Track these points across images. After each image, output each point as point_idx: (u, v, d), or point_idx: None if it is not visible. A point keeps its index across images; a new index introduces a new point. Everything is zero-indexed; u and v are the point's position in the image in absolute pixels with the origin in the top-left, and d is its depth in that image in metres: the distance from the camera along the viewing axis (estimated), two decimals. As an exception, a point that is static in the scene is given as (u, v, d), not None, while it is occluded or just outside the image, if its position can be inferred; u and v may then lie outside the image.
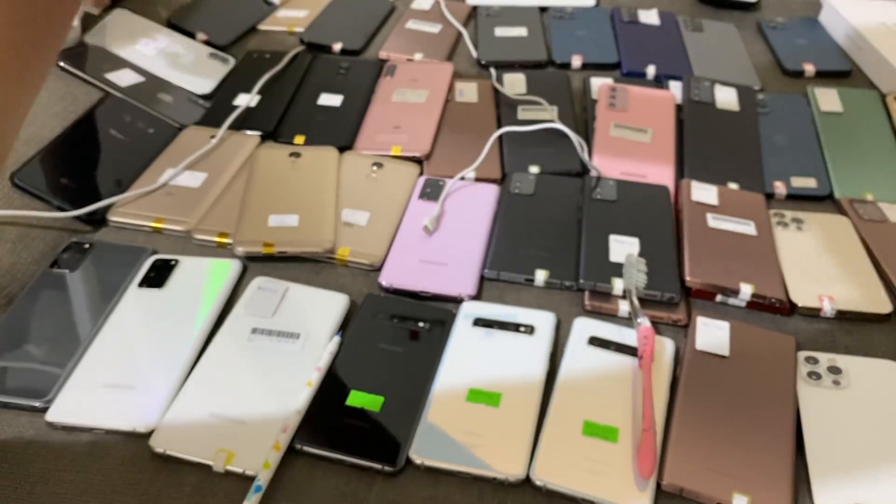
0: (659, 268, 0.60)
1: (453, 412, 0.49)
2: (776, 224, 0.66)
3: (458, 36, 0.93)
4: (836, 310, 0.58)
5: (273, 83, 0.81)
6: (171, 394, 0.49)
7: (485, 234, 0.64)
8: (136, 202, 0.65)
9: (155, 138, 0.73)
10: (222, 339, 0.53)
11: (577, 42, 0.91)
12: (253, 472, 0.45)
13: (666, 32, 0.94)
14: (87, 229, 0.64)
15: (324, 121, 0.77)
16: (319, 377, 0.50)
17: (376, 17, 0.97)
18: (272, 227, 0.62)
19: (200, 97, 0.81)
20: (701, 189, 0.68)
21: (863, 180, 0.72)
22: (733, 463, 0.47)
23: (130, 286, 0.57)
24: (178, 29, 0.90)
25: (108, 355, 0.52)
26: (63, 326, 0.54)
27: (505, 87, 0.82)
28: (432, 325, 0.55)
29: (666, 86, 0.83)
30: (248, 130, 0.75)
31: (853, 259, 0.63)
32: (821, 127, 0.78)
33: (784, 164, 0.74)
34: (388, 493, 0.45)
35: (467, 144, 0.73)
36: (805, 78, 0.87)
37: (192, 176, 0.68)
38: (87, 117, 0.72)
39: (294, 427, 0.47)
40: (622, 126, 0.76)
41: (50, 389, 0.49)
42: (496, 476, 0.45)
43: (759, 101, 0.81)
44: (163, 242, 0.62)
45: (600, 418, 0.48)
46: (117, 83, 0.78)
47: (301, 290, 0.57)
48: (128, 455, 0.46)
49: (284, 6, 0.99)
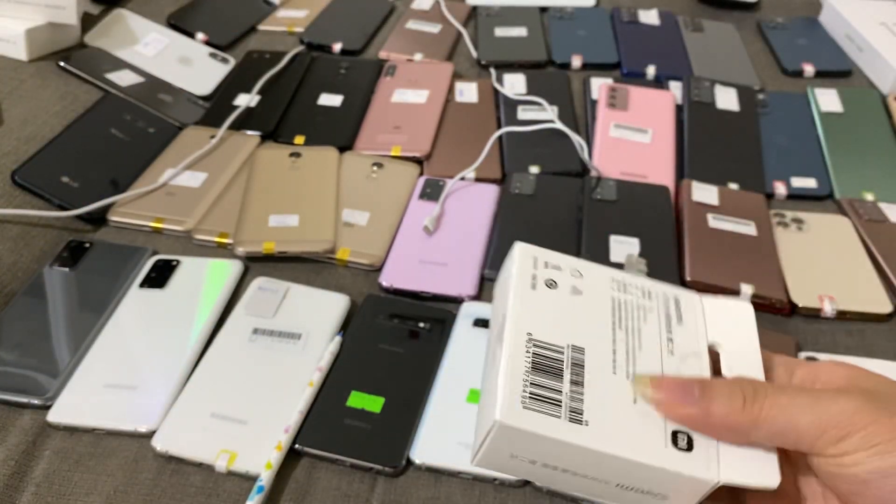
0: (659, 268, 0.60)
1: (454, 412, 0.49)
2: (776, 224, 0.66)
3: (458, 36, 0.93)
4: (837, 310, 0.58)
5: (273, 83, 0.81)
6: (173, 394, 0.49)
7: (485, 234, 0.64)
8: (136, 202, 0.65)
9: (155, 138, 0.73)
10: (223, 339, 0.53)
11: (577, 42, 0.91)
12: (255, 473, 0.45)
13: (666, 32, 0.94)
14: (88, 228, 0.64)
15: (324, 121, 0.77)
16: (320, 377, 0.50)
17: (376, 17, 0.97)
18: (272, 227, 0.62)
19: (200, 97, 0.81)
20: (701, 189, 0.68)
21: (863, 180, 0.72)
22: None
23: (131, 286, 0.57)
24: (178, 29, 0.90)
25: (110, 356, 0.52)
26: (63, 325, 0.54)
27: (505, 87, 0.82)
28: (432, 325, 0.55)
29: (666, 86, 0.83)
30: (248, 130, 0.75)
31: (853, 259, 0.63)
32: (821, 127, 0.78)
33: (784, 164, 0.74)
34: (389, 494, 0.45)
35: (467, 144, 0.73)
36: (805, 78, 0.88)
37: (192, 176, 0.68)
38: (88, 116, 0.72)
39: (296, 427, 0.47)
40: (622, 126, 0.76)
41: (51, 387, 0.49)
42: (497, 477, 0.45)
43: (760, 101, 0.81)
44: (163, 242, 0.62)
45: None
46: (117, 83, 0.78)
47: (302, 290, 0.57)
48: (132, 455, 0.46)
49: (284, 6, 0.99)
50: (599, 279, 0.33)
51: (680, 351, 0.32)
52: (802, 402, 0.28)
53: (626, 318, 0.32)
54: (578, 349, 0.31)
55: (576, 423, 0.29)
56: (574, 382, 0.30)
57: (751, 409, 0.28)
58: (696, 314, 0.34)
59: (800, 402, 0.28)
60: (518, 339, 0.30)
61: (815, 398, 0.28)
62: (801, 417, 0.28)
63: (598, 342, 0.31)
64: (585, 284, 0.33)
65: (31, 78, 0.75)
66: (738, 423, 0.28)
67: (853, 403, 0.27)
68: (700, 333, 0.33)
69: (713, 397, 0.29)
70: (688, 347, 0.32)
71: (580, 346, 0.31)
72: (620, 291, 0.33)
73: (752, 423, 0.28)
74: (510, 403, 0.28)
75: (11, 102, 0.71)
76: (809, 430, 0.27)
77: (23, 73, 0.75)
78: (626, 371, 0.31)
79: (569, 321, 0.31)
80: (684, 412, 0.29)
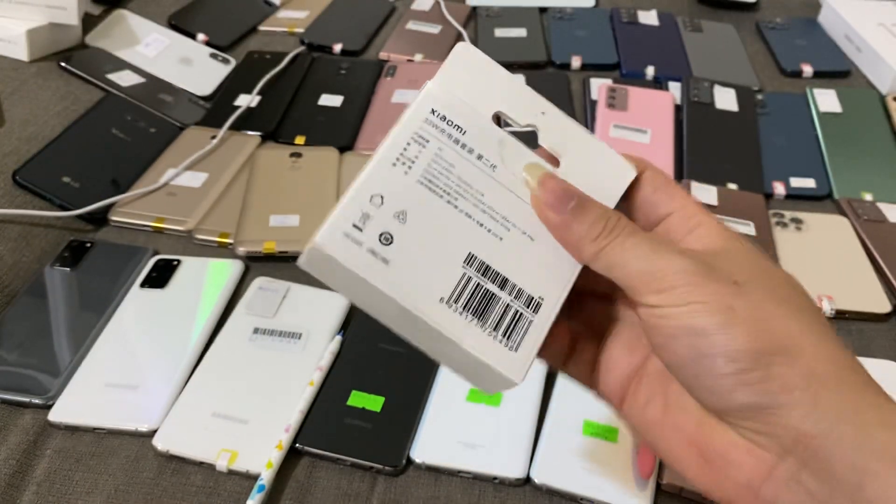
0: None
1: (454, 412, 0.49)
2: (775, 224, 0.66)
3: (458, 36, 0.93)
4: (836, 310, 0.58)
5: (273, 84, 0.82)
6: (174, 394, 0.49)
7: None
8: (137, 202, 0.65)
9: (156, 138, 0.73)
10: (224, 339, 0.53)
11: (576, 43, 0.91)
12: (256, 472, 0.45)
13: (665, 33, 0.94)
14: (89, 228, 0.64)
15: (324, 121, 0.77)
16: (321, 377, 0.50)
17: (376, 17, 0.97)
18: (273, 227, 0.63)
19: (201, 98, 0.81)
20: (700, 189, 0.68)
21: (862, 180, 0.72)
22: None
23: (132, 286, 0.57)
24: (178, 29, 0.90)
25: (111, 355, 0.52)
26: (64, 325, 0.54)
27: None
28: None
29: (665, 86, 0.84)
30: (248, 131, 0.75)
31: (852, 259, 0.63)
32: (820, 127, 0.78)
33: (783, 164, 0.74)
34: (389, 493, 0.45)
35: (467, 145, 0.73)
36: (804, 78, 0.88)
37: (193, 176, 0.68)
38: (89, 116, 0.72)
39: (297, 426, 0.47)
40: (621, 126, 0.76)
41: (52, 386, 0.49)
42: (497, 476, 0.46)
43: (759, 102, 0.81)
44: (163, 242, 0.63)
45: (600, 418, 0.49)
46: (118, 83, 0.78)
47: (302, 290, 0.57)
48: (133, 455, 0.47)
49: (285, 7, 0.99)
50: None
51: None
52: (644, 250, 0.28)
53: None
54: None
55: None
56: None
57: (601, 241, 0.29)
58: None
59: (642, 249, 0.28)
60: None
61: (656, 249, 0.28)
62: (635, 263, 0.28)
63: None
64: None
65: (33, 78, 0.75)
66: (584, 248, 0.29)
67: (687, 262, 0.27)
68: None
69: (580, 216, 0.29)
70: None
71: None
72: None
73: (594, 254, 0.29)
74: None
75: (13, 103, 0.71)
76: (639, 277, 0.28)
77: (24, 73, 0.75)
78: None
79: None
80: (549, 216, 0.30)
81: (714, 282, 0.27)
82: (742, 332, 0.26)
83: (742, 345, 0.26)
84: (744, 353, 0.26)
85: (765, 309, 0.27)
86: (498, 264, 0.30)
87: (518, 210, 0.30)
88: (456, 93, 0.31)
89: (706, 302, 0.26)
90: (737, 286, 0.27)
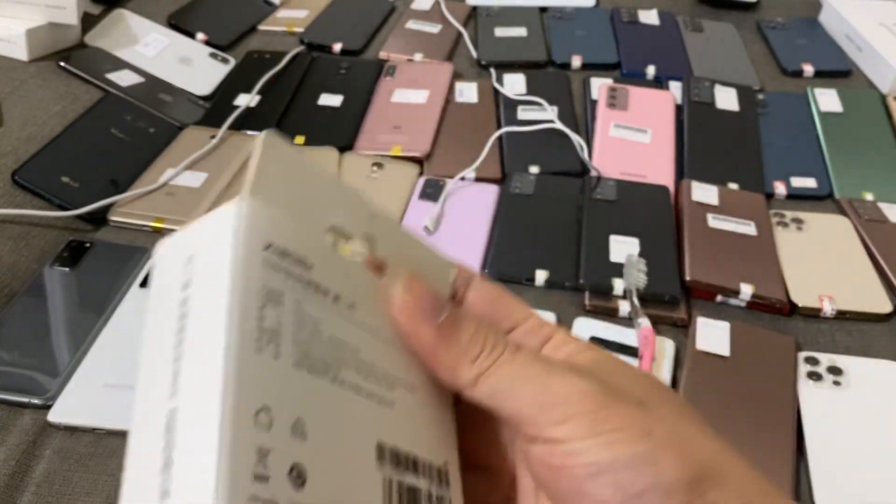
0: (659, 268, 0.60)
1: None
2: (776, 224, 0.66)
3: (458, 36, 0.93)
4: (836, 310, 0.58)
5: (273, 83, 0.81)
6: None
7: (485, 234, 0.64)
8: (136, 202, 0.65)
9: (156, 138, 0.73)
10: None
11: (576, 42, 0.91)
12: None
13: (666, 33, 0.94)
14: (88, 228, 0.64)
15: (324, 121, 0.77)
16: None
17: (376, 17, 0.97)
18: (273, 227, 0.62)
19: (200, 97, 0.81)
20: (701, 189, 0.68)
21: (863, 180, 0.72)
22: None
23: (132, 286, 0.57)
24: (178, 29, 0.90)
25: (110, 355, 0.52)
26: (64, 325, 0.54)
27: (505, 88, 0.82)
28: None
29: (666, 86, 0.84)
30: (248, 131, 0.75)
31: (853, 259, 0.63)
32: (820, 127, 0.78)
33: (784, 164, 0.74)
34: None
35: (467, 144, 0.74)
36: (805, 78, 0.88)
37: (192, 176, 0.68)
38: (89, 116, 0.72)
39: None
40: (622, 126, 0.76)
41: (51, 386, 0.49)
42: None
43: (759, 102, 0.81)
44: (163, 242, 0.62)
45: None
46: (118, 83, 0.78)
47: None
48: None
49: (284, 6, 0.99)
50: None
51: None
52: (536, 370, 0.23)
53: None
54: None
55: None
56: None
57: (483, 361, 0.23)
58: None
59: (533, 369, 0.23)
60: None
61: (548, 369, 0.23)
62: (526, 388, 0.23)
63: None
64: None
65: (32, 78, 0.75)
66: (461, 372, 0.23)
67: (585, 384, 0.22)
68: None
69: (455, 331, 0.23)
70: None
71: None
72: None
73: (472, 380, 0.23)
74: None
75: (12, 102, 0.71)
76: (533, 406, 0.22)
77: (23, 73, 0.75)
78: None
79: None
80: (422, 331, 0.23)
81: (618, 403, 0.22)
82: (670, 461, 0.22)
83: (674, 475, 0.22)
84: (678, 483, 0.22)
85: (680, 430, 0.23)
86: (402, 442, 0.23)
87: (389, 358, 0.23)
88: (279, 209, 0.21)
89: (622, 429, 0.22)
90: (643, 406, 0.23)
